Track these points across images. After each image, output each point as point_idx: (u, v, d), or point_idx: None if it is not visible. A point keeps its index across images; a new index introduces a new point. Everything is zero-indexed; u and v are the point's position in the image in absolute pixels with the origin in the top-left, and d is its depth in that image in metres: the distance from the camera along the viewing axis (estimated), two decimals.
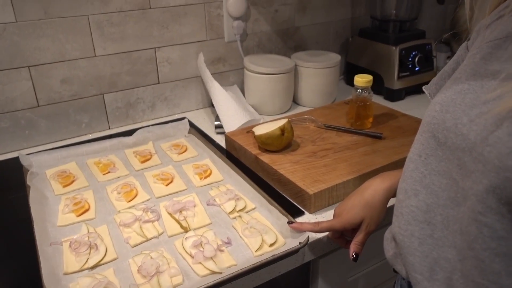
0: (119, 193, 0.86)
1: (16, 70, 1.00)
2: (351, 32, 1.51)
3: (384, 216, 0.68)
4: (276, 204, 0.78)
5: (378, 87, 1.27)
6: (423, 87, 0.68)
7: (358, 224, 0.67)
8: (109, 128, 1.17)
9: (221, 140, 1.10)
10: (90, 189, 0.88)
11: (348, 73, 1.46)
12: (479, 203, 0.42)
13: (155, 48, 1.15)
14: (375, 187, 0.67)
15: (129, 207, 0.82)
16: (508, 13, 0.50)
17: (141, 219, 0.77)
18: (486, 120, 0.42)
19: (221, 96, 1.10)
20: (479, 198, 0.42)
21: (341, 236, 0.73)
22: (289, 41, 1.38)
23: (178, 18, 1.15)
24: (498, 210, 0.40)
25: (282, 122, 0.93)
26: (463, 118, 0.44)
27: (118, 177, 0.92)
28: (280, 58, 1.26)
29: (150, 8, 1.10)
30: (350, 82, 1.46)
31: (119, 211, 0.81)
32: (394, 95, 1.30)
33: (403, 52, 1.27)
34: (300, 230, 0.71)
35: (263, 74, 1.17)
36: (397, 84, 1.28)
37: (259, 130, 0.94)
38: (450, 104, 0.47)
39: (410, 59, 1.29)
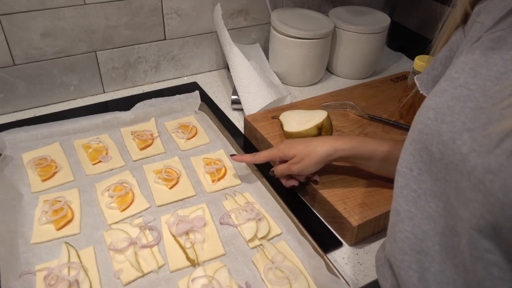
0: (111, 196, 0.69)
1: None
2: None
3: (313, 170, 0.65)
4: (308, 236, 0.61)
5: None
6: (415, 78, 0.59)
7: (291, 157, 0.66)
8: (104, 92, 0.97)
9: (238, 119, 0.91)
10: (76, 186, 0.71)
11: (393, 34, 1.21)
12: (485, 239, 0.34)
13: None
14: (325, 140, 0.65)
15: (123, 220, 0.66)
16: None
17: (136, 243, 0.61)
18: (490, 140, 0.34)
19: (242, 67, 0.88)
20: (484, 234, 0.34)
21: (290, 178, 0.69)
22: None
23: None
24: (509, 249, 0.33)
25: (320, 116, 0.73)
26: (463, 133, 0.36)
27: (111, 170, 0.75)
28: (316, 16, 1.01)
29: None
30: (392, 45, 1.22)
31: (110, 226, 0.64)
32: None
33: None
34: (240, 162, 0.71)
35: (295, 38, 0.94)
36: None
37: (288, 123, 0.75)
38: (446, 112, 0.39)
39: None
